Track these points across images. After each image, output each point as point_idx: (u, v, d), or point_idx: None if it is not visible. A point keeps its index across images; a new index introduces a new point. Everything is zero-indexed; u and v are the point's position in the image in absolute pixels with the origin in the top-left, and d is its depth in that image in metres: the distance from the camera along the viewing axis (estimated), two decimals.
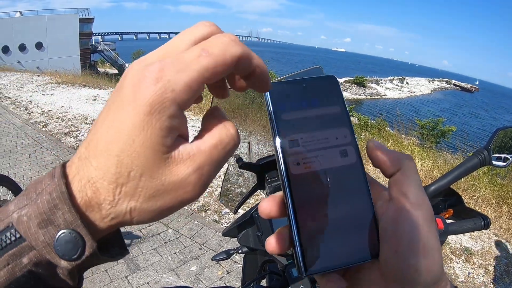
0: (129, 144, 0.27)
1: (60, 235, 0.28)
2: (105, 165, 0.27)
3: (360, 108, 25.96)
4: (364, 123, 10.15)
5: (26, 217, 0.28)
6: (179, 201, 0.30)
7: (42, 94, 9.59)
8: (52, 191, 0.28)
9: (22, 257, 0.28)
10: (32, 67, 21.32)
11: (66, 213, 0.28)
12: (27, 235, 0.28)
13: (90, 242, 0.29)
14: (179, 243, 3.23)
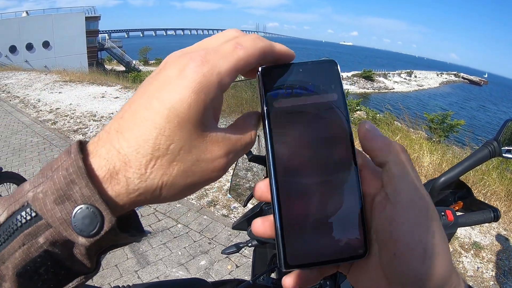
0: (173, 117, 0.28)
1: (77, 211, 0.27)
2: (143, 136, 0.28)
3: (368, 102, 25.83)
4: (372, 117, 10.09)
5: (42, 193, 0.28)
6: (206, 179, 0.31)
7: (50, 92, 9.68)
8: (68, 167, 0.28)
9: (38, 237, 0.27)
10: (39, 66, 21.44)
11: (84, 188, 0.27)
12: (43, 212, 0.27)
13: (109, 217, 0.28)
14: (189, 238, 3.25)
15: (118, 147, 0.28)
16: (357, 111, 11.04)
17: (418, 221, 0.30)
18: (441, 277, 0.30)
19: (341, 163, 0.33)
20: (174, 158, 0.29)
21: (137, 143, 0.28)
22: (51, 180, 0.28)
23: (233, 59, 0.30)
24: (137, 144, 0.28)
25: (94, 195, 0.27)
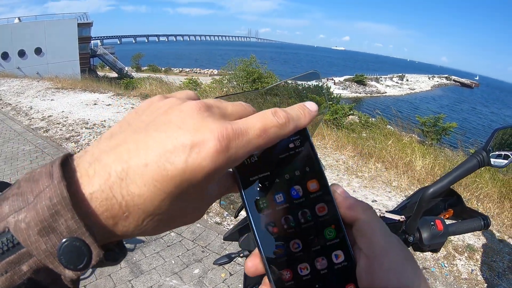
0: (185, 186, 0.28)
1: (63, 244, 0.26)
2: (150, 197, 0.28)
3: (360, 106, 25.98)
4: (364, 121, 10.15)
5: (25, 223, 0.26)
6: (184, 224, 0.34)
7: (42, 99, 9.61)
8: (52, 196, 0.26)
9: (21, 265, 0.26)
10: (32, 73, 21.36)
11: (69, 220, 0.26)
12: (27, 243, 0.26)
13: (96, 251, 0.27)
14: (182, 246, 3.24)
15: (120, 199, 0.27)
16: (350, 116, 11.09)
17: (394, 267, 0.32)
18: None
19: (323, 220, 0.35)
20: (170, 216, 0.30)
21: (142, 203, 0.28)
22: (34, 209, 0.26)
23: (252, 147, 0.30)
24: (142, 203, 0.28)
25: (80, 228, 0.27)
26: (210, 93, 9.46)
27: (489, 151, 0.92)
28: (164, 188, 0.27)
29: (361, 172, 5.32)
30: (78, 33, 33.45)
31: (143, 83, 12.16)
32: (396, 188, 4.85)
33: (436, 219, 0.94)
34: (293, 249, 0.34)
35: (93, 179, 0.27)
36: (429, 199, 0.89)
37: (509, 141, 1.00)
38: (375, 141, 6.20)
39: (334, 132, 7.08)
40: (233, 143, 0.28)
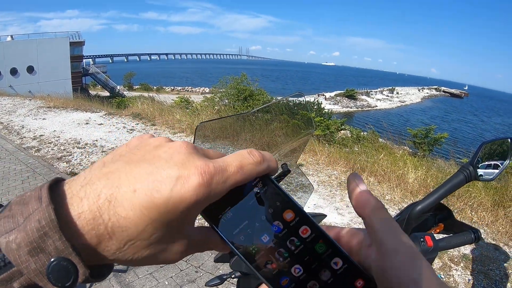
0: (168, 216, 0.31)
1: (52, 263, 0.28)
2: (135, 221, 0.30)
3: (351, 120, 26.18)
4: (356, 136, 10.22)
5: (15, 244, 0.28)
6: (162, 262, 0.35)
7: (34, 118, 9.56)
8: (41, 218, 0.28)
9: (13, 282, 0.28)
10: (23, 91, 21.21)
11: (57, 241, 0.28)
12: (18, 263, 0.28)
13: (83, 269, 0.29)
14: (175, 267, 3.19)
15: (107, 220, 0.30)
16: (341, 131, 11.16)
17: (404, 265, 0.33)
18: None
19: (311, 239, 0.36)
20: (150, 244, 0.32)
21: (127, 225, 0.30)
22: (24, 230, 0.28)
23: (231, 183, 0.33)
24: (127, 226, 0.30)
25: (67, 249, 0.28)
26: (202, 111, 9.47)
27: (476, 166, 0.94)
28: (150, 214, 0.30)
29: None
30: (70, 51, 33.52)
31: (135, 102, 12.14)
32: (390, 201, 4.86)
33: (425, 235, 0.94)
34: (296, 274, 0.35)
35: (83, 200, 0.30)
36: (417, 216, 0.90)
37: (497, 151, 1.01)
38: (367, 156, 6.24)
39: (326, 148, 7.11)
40: (214, 179, 0.31)
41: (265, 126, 1.54)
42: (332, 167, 6.13)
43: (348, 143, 8.96)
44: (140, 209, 0.30)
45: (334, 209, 4.56)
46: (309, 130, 1.31)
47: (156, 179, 0.30)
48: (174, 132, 8.40)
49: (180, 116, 9.29)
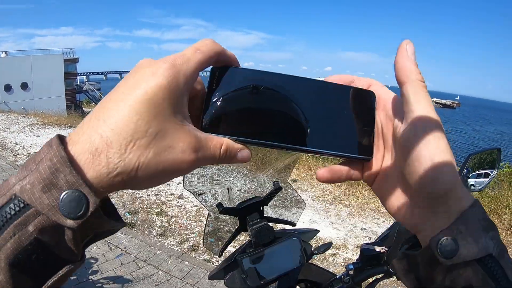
0: (152, 105, 0.33)
1: (64, 196, 0.30)
2: (124, 121, 0.32)
3: None
4: None
5: (29, 184, 0.30)
6: (176, 168, 0.36)
7: (28, 135, 9.50)
8: (52, 157, 0.30)
9: (28, 225, 0.29)
10: (17, 108, 21.11)
11: (68, 175, 0.30)
12: (32, 200, 0.30)
13: (93, 199, 0.31)
14: (171, 285, 3.17)
15: (100, 131, 0.32)
16: None
17: (428, 139, 0.36)
18: (447, 182, 0.35)
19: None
20: (151, 142, 0.33)
21: (119, 127, 0.32)
22: (37, 171, 0.30)
23: (194, 62, 0.37)
24: (119, 127, 0.32)
25: (78, 181, 0.30)
26: None
27: (465, 176, 0.95)
28: (136, 109, 0.33)
29: (349, 201, 5.34)
30: (64, 68, 33.43)
31: None
32: (385, 214, 4.88)
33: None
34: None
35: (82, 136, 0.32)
36: (407, 230, 0.91)
37: (487, 161, 1.04)
38: None
39: (320, 163, 7.14)
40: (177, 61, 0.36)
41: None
42: None
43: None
44: (127, 108, 0.32)
45: (329, 224, 4.56)
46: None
47: (136, 82, 0.34)
48: None
49: None
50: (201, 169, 1.31)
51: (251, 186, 1.41)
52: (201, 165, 0.39)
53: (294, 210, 1.36)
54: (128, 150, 0.32)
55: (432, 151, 0.35)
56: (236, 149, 0.40)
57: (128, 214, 4.83)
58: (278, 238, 1.08)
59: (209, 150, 0.38)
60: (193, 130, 0.37)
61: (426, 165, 0.35)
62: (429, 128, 0.36)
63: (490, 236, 0.35)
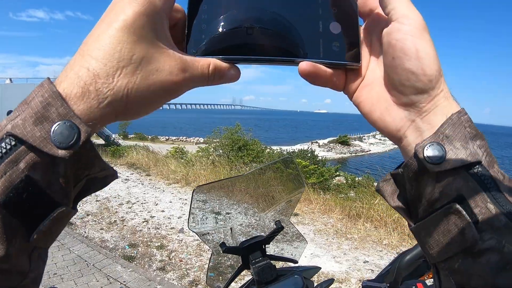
0: (132, 32, 0.33)
1: (55, 127, 0.30)
2: (108, 51, 0.33)
3: (346, 166, 26.29)
4: (351, 181, 10.25)
5: (21, 120, 0.30)
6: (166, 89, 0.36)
7: None
8: (44, 93, 0.31)
9: (19, 163, 0.29)
10: None
11: (59, 108, 0.31)
12: (24, 134, 0.30)
13: (84, 128, 0.31)
14: None
15: (87, 65, 0.33)
16: (336, 177, 11.20)
17: (411, 31, 0.35)
18: (432, 73, 0.35)
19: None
20: (137, 67, 0.34)
21: (104, 57, 0.33)
22: (29, 107, 0.31)
23: None
24: (104, 58, 0.33)
25: (69, 112, 0.31)
26: (196, 162, 9.53)
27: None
28: (117, 38, 0.33)
29: (351, 234, 5.30)
30: None
31: (130, 151, 12.21)
32: (387, 246, 4.82)
33: (417, 283, 0.97)
34: None
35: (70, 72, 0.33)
36: (408, 265, 0.93)
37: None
38: (362, 202, 6.25)
39: (321, 196, 7.13)
40: None
41: (259, 176, 1.60)
42: (328, 215, 6.12)
43: (344, 189, 8.97)
44: (109, 39, 0.33)
45: (331, 258, 4.51)
46: (300, 189, 1.37)
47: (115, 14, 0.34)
48: (169, 183, 8.40)
49: (174, 167, 9.33)
50: (201, 203, 1.33)
51: (251, 220, 1.43)
52: (191, 85, 0.39)
53: (295, 245, 1.37)
54: (115, 78, 0.33)
55: (416, 42, 0.35)
56: (224, 67, 0.40)
57: (128, 247, 4.79)
58: (281, 276, 1.09)
59: (197, 70, 0.38)
60: (178, 53, 0.37)
61: (411, 56, 0.35)
62: (413, 22, 0.36)
63: (478, 145, 0.34)
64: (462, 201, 0.33)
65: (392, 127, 0.38)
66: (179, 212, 6.33)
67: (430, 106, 0.36)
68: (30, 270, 0.32)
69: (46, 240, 0.33)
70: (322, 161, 14.01)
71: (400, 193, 0.39)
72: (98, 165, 0.35)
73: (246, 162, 10.00)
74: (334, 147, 44.22)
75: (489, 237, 0.32)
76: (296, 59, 0.41)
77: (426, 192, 0.35)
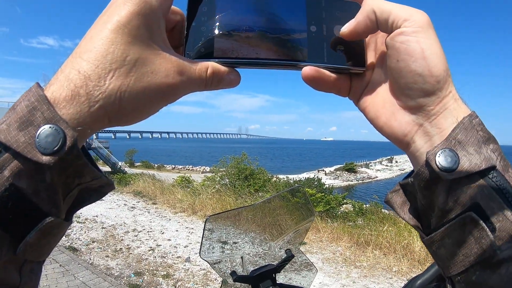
0: (126, 33, 0.32)
1: (40, 132, 0.28)
2: (100, 53, 0.31)
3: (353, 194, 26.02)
4: (359, 209, 10.13)
5: (6, 125, 0.28)
6: (162, 92, 0.35)
7: None
8: (30, 97, 0.29)
9: (3, 170, 0.28)
10: None
11: (45, 112, 0.29)
12: (7, 139, 0.28)
13: (70, 132, 0.29)
14: None
15: (78, 67, 0.31)
16: (343, 205, 11.08)
17: (415, 31, 0.34)
18: (439, 73, 0.33)
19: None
20: (131, 69, 0.32)
21: (96, 59, 0.31)
22: (14, 112, 0.29)
23: None
24: (96, 60, 0.31)
25: (55, 116, 0.29)
26: (202, 191, 9.53)
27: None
28: (110, 39, 0.32)
29: (360, 262, 5.21)
30: None
31: (136, 180, 12.25)
32: (397, 273, 4.73)
33: None
34: None
35: (60, 75, 0.31)
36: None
37: None
38: (370, 229, 6.17)
39: (329, 224, 7.05)
40: None
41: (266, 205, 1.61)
42: (336, 243, 6.03)
43: (351, 216, 8.86)
44: (101, 40, 0.31)
45: (340, 286, 4.43)
46: (309, 218, 1.38)
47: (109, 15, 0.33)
48: (175, 212, 8.37)
49: (181, 195, 9.33)
50: (212, 233, 1.34)
51: (260, 250, 1.44)
52: (188, 90, 0.37)
53: (305, 273, 1.37)
54: (108, 81, 0.31)
55: (421, 42, 0.34)
56: (223, 71, 0.38)
57: (134, 275, 4.73)
58: None
59: (195, 73, 0.36)
60: (175, 56, 0.36)
61: (417, 56, 0.33)
62: (415, 22, 0.34)
63: (491, 149, 0.32)
64: (478, 209, 0.31)
65: (399, 132, 0.37)
66: (185, 241, 6.28)
67: (439, 109, 0.34)
68: (21, 284, 0.31)
69: (37, 253, 0.31)
70: (329, 189, 13.90)
71: (410, 204, 0.37)
72: (88, 174, 0.33)
73: (252, 191, 9.95)
74: (340, 175, 43.91)
75: (507, 246, 0.30)
76: (299, 63, 0.39)
77: (439, 202, 0.33)
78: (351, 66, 0.40)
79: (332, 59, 0.40)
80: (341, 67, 0.40)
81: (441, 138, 0.33)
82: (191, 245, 5.99)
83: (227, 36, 0.39)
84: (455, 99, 0.34)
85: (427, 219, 0.35)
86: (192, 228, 6.97)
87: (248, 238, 1.45)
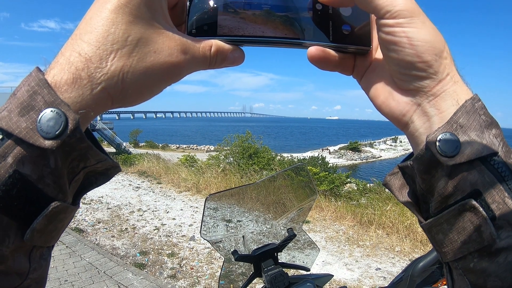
0: (127, 12, 0.31)
1: (41, 116, 0.28)
2: (101, 33, 0.30)
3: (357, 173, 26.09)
4: (362, 188, 10.17)
5: (7, 111, 0.28)
6: (165, 71, 0.34)
7: None
8: (30, 82, 0.29)
9: (7, 157, 0.27)
10: None
11: (46, 96, 0.28)
12: (9, 125, 0.28)
13: (72, 115, 0.28)
14: None
15: (78, 49, 0.30)
16: (347, 184, 11.12)
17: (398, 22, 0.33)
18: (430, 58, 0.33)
19: None
20: (133, 49, 0.32)
21: (97, 40, 0.30)
22: (15, 98, 0.29)
23: None
24: (97, 41, 0.30)
25: (56, 99, 0.29)
26: (207, 170, 9.57)
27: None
28: (111, 19, 0.31)
29: (363, 241, 5.25)
30: None
31: (141, 160, 12.32)
32: (400, 253, 4.76)
33: None
34: None
35: (60, 58, 0.31)
36: (421, 272, 0.92)
37: None
38: (374, 208, 6.20)
39: (333, 203, 7.08)
40: None
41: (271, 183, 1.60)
42: (340, 222, 6.07)
43: (355, 196, 8.90)
44: (101, 21, 0.31)
45: (343, 265, 4.47)
46: (312, 196, 1.37)
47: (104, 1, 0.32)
48: (179, 191, 8.44)
49: (185, 174, 9.38)
50: (213, 211, 1.34)
51: (263, 228, 1.43)
52: (192, 69, 0.37)
53: (308, 252, 1.37)
54: (109, 62, 0.30)
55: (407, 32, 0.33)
56: (227, 49, 0.38)
57: (139, 254, 4.81)
58: (293, 283, 1.08)
59: (198, 52, 0.36)
60: (178, 34, 0.35)
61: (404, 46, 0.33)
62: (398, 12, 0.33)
63: (494, 134, 0.31)
64: (478, 196, 0.30)
65: (397, 112, 0.36)
66: (190, 220, 6.35)
67: (436, 91, 0.33)
68: (31, 270, 0.31)
69: (45, 238, 0.31)
70: (332, 168, 13.93)
71: (409, 187, 0.36)
72: (93, 157, 0.32)
73: (257, 169, 9.99)
74: (345, 154, 44.00)
75: (507, 235, 0.30)
76: (304, 41, 0.39)
77: (439, 187, 0.32)
78: (357, 45, 0.39)
79: (338, 38, 0.39)
80: (346, 46, 0.39)
81: (441, 120, 0.33)
82: (196, 224, 6.05)
83: (230, 14, 0.38)
84: (455, 81, 0.33)
85: (426, 204, 0.35)
86: (197, 207, 7.04)
87: (249, 217, 1.45)
